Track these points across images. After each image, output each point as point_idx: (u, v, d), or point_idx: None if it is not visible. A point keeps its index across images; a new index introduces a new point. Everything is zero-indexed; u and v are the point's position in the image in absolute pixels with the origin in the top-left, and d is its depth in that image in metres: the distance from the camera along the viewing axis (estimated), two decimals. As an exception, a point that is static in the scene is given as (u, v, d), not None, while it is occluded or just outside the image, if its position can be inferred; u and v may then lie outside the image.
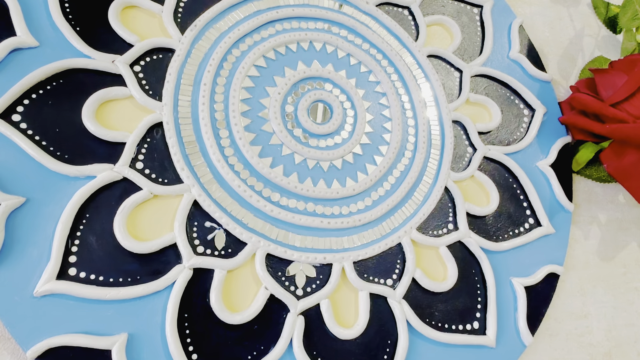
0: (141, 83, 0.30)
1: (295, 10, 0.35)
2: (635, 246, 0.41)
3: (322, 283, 0.30)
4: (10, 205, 0.24)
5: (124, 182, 0.27)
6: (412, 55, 0.38)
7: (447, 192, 0.35)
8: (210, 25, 0.33)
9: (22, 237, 0.25)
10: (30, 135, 0.26)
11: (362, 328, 0.29)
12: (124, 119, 0.29)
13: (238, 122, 0.31)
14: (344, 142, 0.34)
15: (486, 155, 0.37)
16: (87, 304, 0.25)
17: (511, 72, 0.41)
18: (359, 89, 0.36)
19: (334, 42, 0.36)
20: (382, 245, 0.32)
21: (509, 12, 0.44)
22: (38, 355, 0.23)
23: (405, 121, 0.36)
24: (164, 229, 0.28)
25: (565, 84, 0.45)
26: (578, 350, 0.35)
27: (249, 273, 0.29)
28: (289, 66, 0.34)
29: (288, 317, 0.28)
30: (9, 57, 0.27)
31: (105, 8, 0.30)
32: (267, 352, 0.27)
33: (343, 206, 0.32)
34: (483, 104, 0.39)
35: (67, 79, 0.28)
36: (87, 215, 0.26)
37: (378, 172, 0.33)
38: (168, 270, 0.27)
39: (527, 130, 0.40)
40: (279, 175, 0.31)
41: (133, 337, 0.25)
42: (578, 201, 0.40)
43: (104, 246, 0.26)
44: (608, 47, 0.48)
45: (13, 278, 0.24)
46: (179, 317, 0.26)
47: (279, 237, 0.30)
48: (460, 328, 0.31)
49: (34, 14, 0.29)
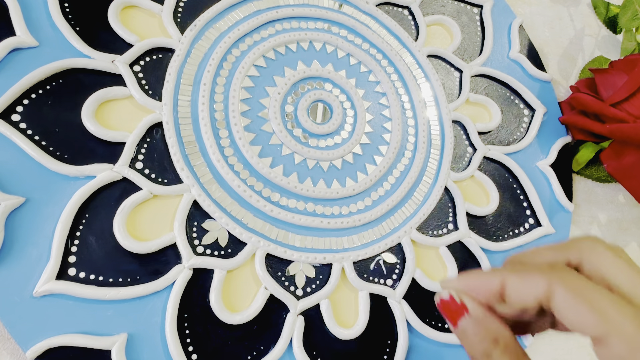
0: (141, 83, 0.30)
1: (295, 10, 0.35)
2: (635, 246, 0.41)
3: (322, 283, 0.30)
4: (10, 205, 0.24)
5: (124, 182, 0.27)
6: (412, 55, 0.38)
7: (447, 192, 0.35)
8: (210, 25, 0.33)
9: (21, 237, 0.25)
10: (29, 135, 0.26)
11: (362, 328, 0.29)
12: (123, 119, 0.29)
13: (238, 122, 0.31)
14: (344, 142, 0.34)
15: (486, 155, 0.37)
16: (87, 304, 0.25)
17: (511, 72, 0.41)
18: (359, 88, 0.36)
19: (334, 42, 0.36)
20: (382, 245, 0.32)
21: (509, 12, 0.44)
22: (38, 355, 0.23)
23: (405, 121, 0.36)
24: (164, 229, 0.28)
25: (565, 84, 0.44)
26: (578, 350, 0.35)
27: (248, 273, 0.28)
28: (289, 66, 0.34)
29: (288, 317, 0.28)
30: (8, 57, 0.27)
31: (105, 8, 0.30)
32: (267, 352, 0.27)
33: (343, 206, 0.32)
34: (483, 104, 0.39)
35: (66, 79, 0.28)
36: (86, 215, 0.26)
37: (378, 172, 0.33)
38: (168, 270, 0.27)
39: (527, 130, 0.40)
40: (278, 175, 0.31)
41: (133, 337, 0.25)
42: (578, 201, 0.40)
43: (104, 246, 0.26)
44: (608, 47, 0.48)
45: (13, 278, 0.24)
46: (178, 317, 0.26)
47: (279, 237, 0.30)
48: (460, 328, 0.31)
49: (33, 13, 0.29)
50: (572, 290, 0.16)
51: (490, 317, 0.18)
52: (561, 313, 0.17)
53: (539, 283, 0.17)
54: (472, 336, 0.19)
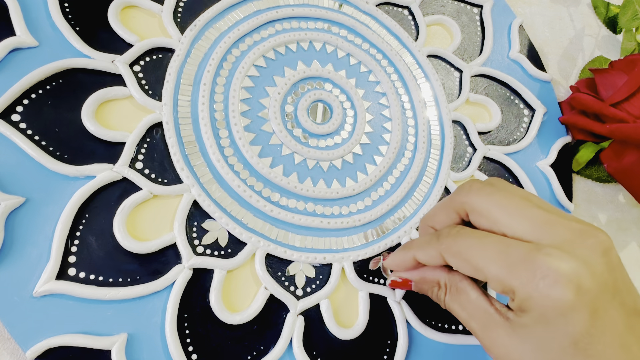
0: (141, 83, 0.30)
1: (295, 10, 0.35)
2: (635, 246, 0.41)
3: (322, 283, 0.30)
4: (9, 205, 0.24)
5: (124, 182, 0.27)
6: (412, 55, 0.38)
7: (447, 192, 0.35)
8: (210, 25, 0.33)
9: (21, 237, 0.25)
10: (29, 135, 0.26)
11: (361, 328, 0.29)
12: (123, 119, 0.29)
13: (238, 122, 0.31)
14: (344, 142, 0.34)
15: (486, 155, 0.37)
16: (87, 304, 0.25)
17: (511, 72, 0.41)
18: (359, 88, 0.36)
19: (334, 42, 0.36)
20: (382, 245, 0.32)
21: (509, 12, 0.44)
22: (38, 356, 0.23)
23: (405, 121, 0.36)
24: (164, 229, 0.28)
25: (565, 84, 0.45)
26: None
27: (248, 273, 0.28)
28: (289, 66, 0.34)
29: (288, 317, 0.28)
30: (8, 57, 0.27)
31: (104, 8, 0.30)
32: (266, 352, 0.27)
33: (343, 206, 0.32)
34: (483, 104, 0.39)
35: (66, 79, 0.28)
36: (86, 215, 0.26)
37: (378, 172, 0.33)
38: (168, 270, 0.27)
39: (527, 130, 0.40)
40: (278, 175, 0.31)
41: (133, 337, 0.25)
42: (578, 201, 0.40)
43: (104, 246, 0.26)
44: (608, 47, 0.48)
45: (12, 278, 0.24)
46: (178, 317, 0.26)
47: (279, 237, 0.30)
48: (460, 328, 0.31)
49: (33, 13, 0.29)
50: (452, 255, 0.22)
51: (426, 272, 0.25)
52: (456, 269, 0.23)
53: (433, 254, 0.23)
54: (421, 290, 0.26)
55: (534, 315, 0.19)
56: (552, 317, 0.18)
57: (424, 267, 0.25)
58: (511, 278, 0.19)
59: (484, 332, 0.21)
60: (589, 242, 0.19)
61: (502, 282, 0.20)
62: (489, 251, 0.20)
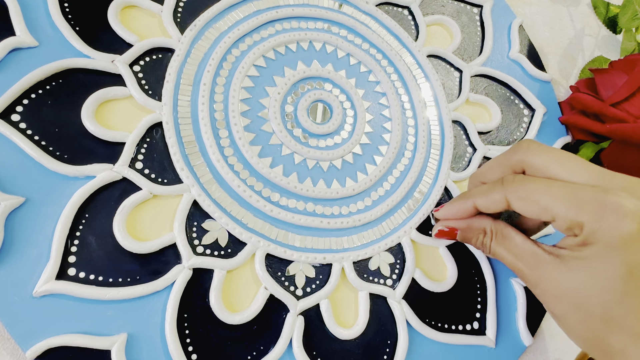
0: (141, 83, 0.30)
1: (295, 10, 0.35)
2: (635, 246, 0.41)
3: (322, 283, 0.30)
4: (9, 205, 0.24)
5: (124, 182, 0.27)
6: (412, 55, 0.38)
7: (447, 192, 0.35)
8: (210, 25, 0.33)
9: (21, 237, 0.25)
10: (29, 135, 0.26)
11: (361, 328, 0.29)
12: (123, 119, 0.29)
13: (238, 122, 0.31)
14: (344, 142, 0.34)
15: (486, 155, 0.37)
16: (87, 304, 0.25)
17: (511, 72, 0.41)
18: (359, 88, 0.36)
19: (334, 42, 0.36)
20: (382, 245, 0.32)
21: (509, 12, 0.44)
22: (37, 356, 0.23)
23: (405, 121, 0.36)
24: (164, 229, 0.28)
25: (565, 84, 0.45)
26: (578, 350, 0.35)
27: (248, 273, 0.28)
28: (289, 66, 0.34)
29: (288, 317, 0.28)
30: (8, 56, 0.27)
31: (104, 8, 0.30)
32: (266, 352, 0.27)
33: (343, 206, 0.32)
34: (483, 104, 0.39)
35: (66, 79, 0.28)
36: (86, 215, 0.26)
37: (378, 172, 0.33)
38: (168, 270, 0.27)
39: (527, 130, 0.40)
40: (278, 175, 0.31)
41: (133, 337, 0.25)
42: (578, 201, 0.40)
43: (104, 246, 0.26)
44: (608, 47, 0.48)
45: (12, 278, 0.24)
46: (178, 317, 0.26)
47: (279, 237, 0.30)
48: (460, 328, 0.31)
49: (33, 13, 0.29)
50: (519, 197, 0.24)
51: (473, 221, 0.27)
52: (520, 211, 0.24)
53: (498, 198, 0.25)
54: (466, 238, 0.28)
55: (598, 247, 0.21)
56: (616, 247, 0.20)
57: (471, 217, 0.28)
58: (581, 214, 0.21)
59: (533, 270, 0.24)
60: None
61: (570, 219, 0.22)
62: (558, 193, 0.22)
